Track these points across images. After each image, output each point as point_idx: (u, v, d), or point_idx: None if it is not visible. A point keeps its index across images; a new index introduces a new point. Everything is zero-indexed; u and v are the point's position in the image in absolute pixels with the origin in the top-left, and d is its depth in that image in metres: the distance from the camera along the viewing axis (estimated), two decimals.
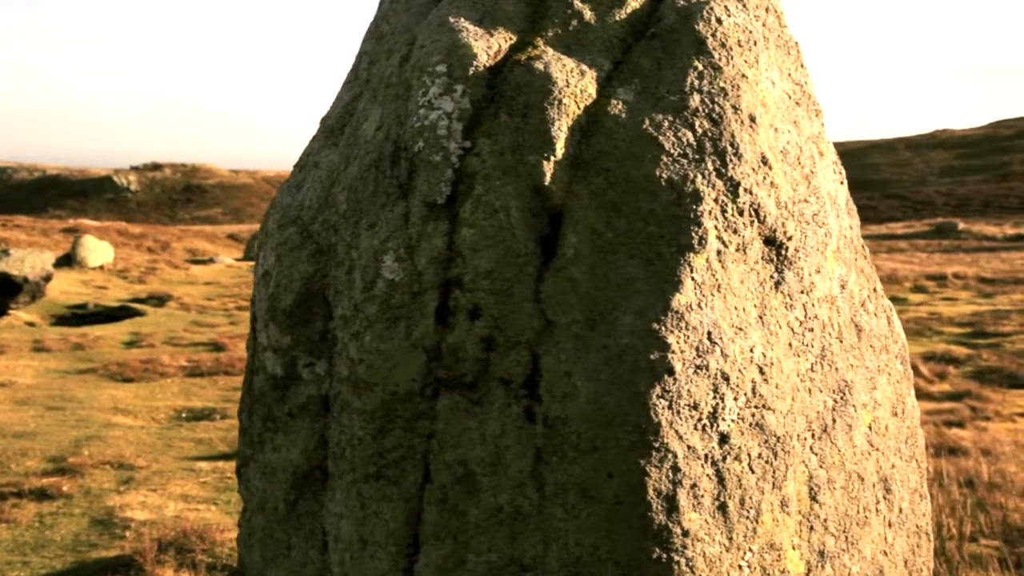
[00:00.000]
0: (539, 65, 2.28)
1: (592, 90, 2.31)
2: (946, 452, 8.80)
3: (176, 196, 77.51)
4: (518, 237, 2.19)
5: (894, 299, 21.18)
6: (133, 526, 6.68)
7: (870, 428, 2.56)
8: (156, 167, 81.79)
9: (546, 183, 2.21)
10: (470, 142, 2.24)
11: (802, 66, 2.65)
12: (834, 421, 2.44)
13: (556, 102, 2.24)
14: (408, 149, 2.28)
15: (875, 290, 2.72)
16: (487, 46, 2.31)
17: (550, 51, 2.33)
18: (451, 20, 2.35)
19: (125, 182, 76.85)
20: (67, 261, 23.20)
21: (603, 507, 2.12)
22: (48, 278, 17.85)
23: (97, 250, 23.77)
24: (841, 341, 2.52)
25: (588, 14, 2.41)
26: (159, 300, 20.90)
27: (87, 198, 73.99)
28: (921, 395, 12.10)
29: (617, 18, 2.42)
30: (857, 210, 2.94)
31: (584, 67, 2.33)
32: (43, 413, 10.69)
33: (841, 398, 2.48)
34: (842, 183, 2.72)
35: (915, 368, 13.48)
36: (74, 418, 10.51)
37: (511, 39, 2.37)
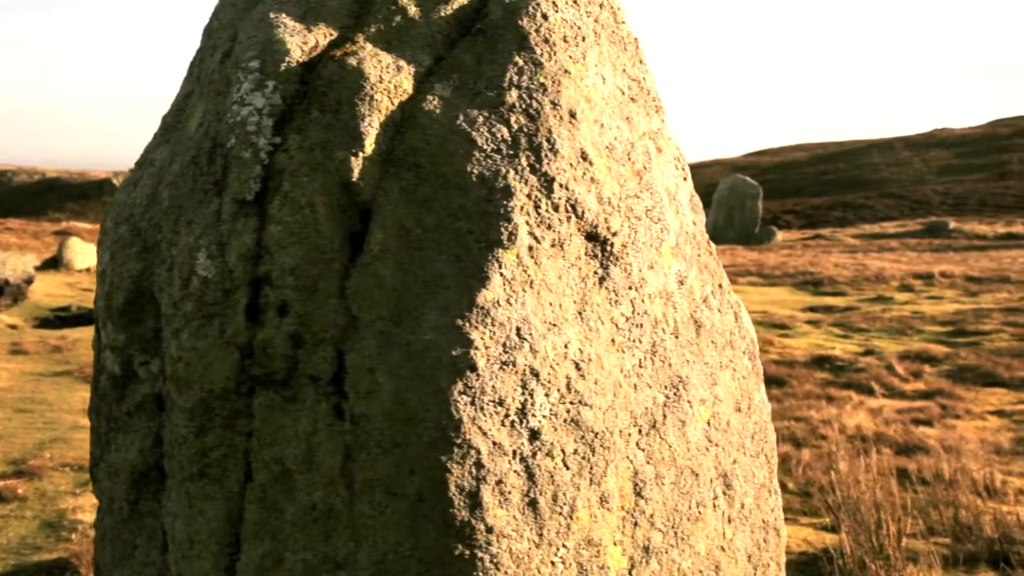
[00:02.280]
0: (352, 61, 2.28)
1: (408, 86, 2.31)
2: (910, 450, 8.78)
3: None
4: (324, 233, 2.19)
5: (880, 298, 21.13)
6: (81, 528, 6.68)
7: (709, 424, 2.55)
8: None
9: (354, 179, 2.21)
10: (280, 138, 2.24)
11: (641, 62, 2.64)
12: (665, 417, 2.43)
13: (367, 98, 2.24)
14: (223, 145, 2.28)
15: (720, 286, 2.71)
16: (303, 42, 2.31)
17: (368, 47, 2.33)
18: (271, 16, 2.35)
19: None
20: (53, 264, 23.25)
21: (406, 504, 2.11)
22: (29, 281, 17.89)
23: (83, 252, 23.80)
24: (677, 337, 2.51)
25: (413, 10, 2.41)
26: None
27: (87, 201, 74.12)
28: (894, 394, 12.06)
29: (443, 14, 2.42)
30: (854, 209, 2.92)
31: (402, 63, 2.33)
32: (11, 416, 10.71)
33: (675, 393, 2.47)
34: (685, 179, 2.70)
35: (890, 367, 13.44)
36: (42, 420, 10.52)
37: (331, 35, 2.37)
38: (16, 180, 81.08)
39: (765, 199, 43.23)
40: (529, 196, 2.24)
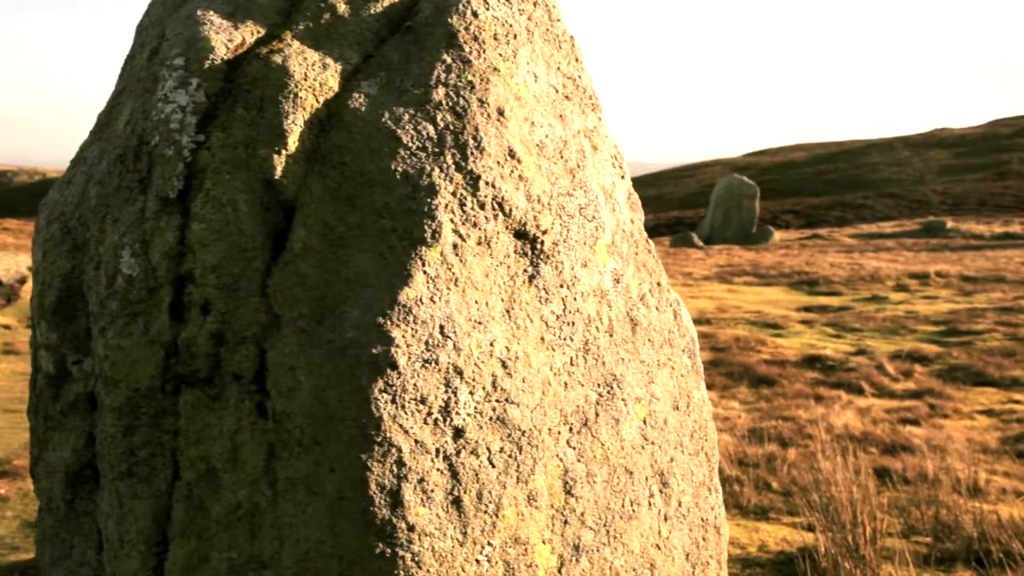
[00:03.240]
0: (277, 58, 2.27)
1: (334, 83, 2.30)
2: (895, 450, 8.75)
3: None
4: (245, 231, 2.18)
5: (875, 298, 21.08)
6: None
7: (644, 422, 2.54)
8: None
9: (277, 177, 2.20)
10: (204, 136, 2.23)
11: (577, 60, 2.63)
12: (597, 415, 2.41)
13: (291, 95, 2.23)
14: (148, 143, 2.27)
15: (659, 284, 2.69)
16: (228, 39, 2.30)
17: (295, 44, 2.32)
18: (198, 13, 2.35)
19: None
20: None
21: (326, 502, 2.10)
22: (23, 281, 17.85)
23: None
24: (611, 335, 2.50)
25: (342, 7, 2.40)
26: None
27: None
28: (884, 393, 12.01)
29: (373, 11, 2.41)
30: (853, 209, 2.89)
31: (329, 60, 2.32)
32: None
33: (608, 392, 2.46)
34: (622, 177, 2.69)
35: (881, 367, 13.41)
36: None
37: (259, 32, 2.36)
38: (16, 180, 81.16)
39: (764, 199, 43.14)
40: (454, 194, 2.23)
